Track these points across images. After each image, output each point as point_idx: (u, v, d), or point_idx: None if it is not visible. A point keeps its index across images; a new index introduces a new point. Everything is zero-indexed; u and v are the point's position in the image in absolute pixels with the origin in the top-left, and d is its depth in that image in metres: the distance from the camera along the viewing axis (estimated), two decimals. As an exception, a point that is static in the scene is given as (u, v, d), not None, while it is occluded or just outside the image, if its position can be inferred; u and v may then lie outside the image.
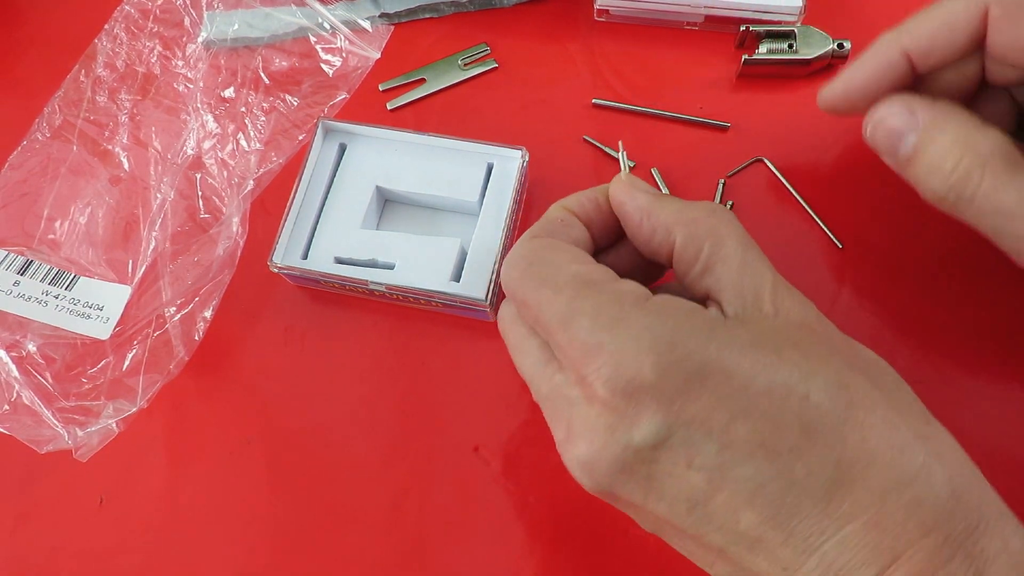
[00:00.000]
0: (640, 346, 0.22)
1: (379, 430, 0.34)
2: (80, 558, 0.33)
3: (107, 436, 0.32)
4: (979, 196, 0.26)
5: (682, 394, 0.22)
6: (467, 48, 0.41)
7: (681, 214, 0.26)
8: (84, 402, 0.33)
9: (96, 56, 0.40)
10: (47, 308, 0.34)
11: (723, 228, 0.26)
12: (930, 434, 0.23)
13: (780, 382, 0.22)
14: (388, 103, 0.40)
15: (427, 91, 0.40)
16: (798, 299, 0.25)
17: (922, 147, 0.28)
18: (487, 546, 0.32)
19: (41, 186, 0.37)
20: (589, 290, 0.24)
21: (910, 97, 0.29)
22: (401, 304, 0.35)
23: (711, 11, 0.39)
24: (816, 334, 0.24)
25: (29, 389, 0.32)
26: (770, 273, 0.25)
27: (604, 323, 0.23)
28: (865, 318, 0.34)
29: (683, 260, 0.26)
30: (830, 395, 0.22)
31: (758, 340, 0.23)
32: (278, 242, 0.34)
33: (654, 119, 0.39)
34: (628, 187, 0.28)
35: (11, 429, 0.32)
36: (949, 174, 0.27)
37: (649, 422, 0.22)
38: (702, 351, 0.22)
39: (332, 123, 0.37)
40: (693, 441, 0.22)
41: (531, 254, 0.26)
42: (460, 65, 0.40)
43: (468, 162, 0.36)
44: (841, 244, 0.35)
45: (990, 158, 0.26)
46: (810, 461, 0.21)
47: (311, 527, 0.33)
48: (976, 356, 0.33)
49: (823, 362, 0.23)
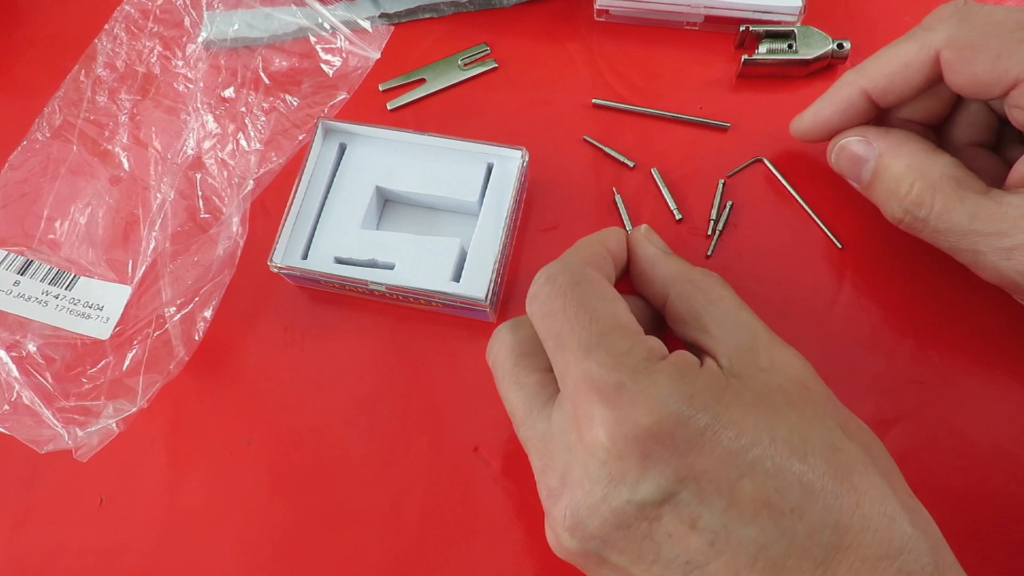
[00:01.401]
0: (661, 396, 0.22)
1: (379, 430, 0.34)
2: (80, 558, 0.33)
3: (107, 436, 0.32)
4: (932, 217, 0.28)
5: (696, 447, 0.22)
6: (467, 48, 0.41)
7: (680, 273, 0.28)
8: (84, 402, 0.33)
9: (96, 56, 0.40)
10: (47, 308, 0.34)
11: (715, 291, 0.27)
12: (914, 507, 0.23)
13: (780, 439, 0.22)
14: (388, 103, 0.40)
15: (427, 91, 0.40)
16: (792, 355, 0.26)
17: (879, 173, 0.30)
18: (487, 546, 0.32)
19: (41, 186, 0.37)
20: (623, 331, 0.24)
21: (866, 128, 0.31)
22: (401, 304, 0.35)
23: (711, 11, 0.39)
24: (810, 393, 0.25)
25: (29, 389, 0.32)
26: (763, 330, 0.26)
27: (628, 366, 0.23)
28: (864, 318, 0.34)
29: (674, 314, 0.28)
30: (826, 457, 0.22)
31: (759, 399, 0.23)
32: (278, 242, 0.34)
33: (654, 119, 0.39)
34: (644, 240, 0.30)
35: (11, 429, 0.32)
36: (904, 198, 0.29)
37: (660, 475, 0.22)
38: (714, 407, 0.22)
39: (332, 123, 0.37)
40: (701, 497, 0.21)
41: (580, 274, 0.26)
42: (460, 65, 0.40)
43: (468, 162, 0.36)
44: (841, 244, 0.35)
45: (940, 182, 0.28)
46: (811, 522, 0.21)
47: (311, 527, 0.33)
48: (975, 355, 0.33)
49: (819, 422, 0.23)
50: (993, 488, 0.31)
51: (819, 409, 0.24)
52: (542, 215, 0.37)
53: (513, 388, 0.27)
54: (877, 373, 0.33)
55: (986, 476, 0.31)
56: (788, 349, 0.26)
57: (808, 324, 0.34)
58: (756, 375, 0.25)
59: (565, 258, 0.28)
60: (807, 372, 0.26)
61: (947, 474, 0.31)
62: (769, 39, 0.38)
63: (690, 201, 0.37)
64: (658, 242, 0.30)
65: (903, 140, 0.30)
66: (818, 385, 0.26)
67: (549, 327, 0.25)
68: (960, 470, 0.31)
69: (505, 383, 0.27)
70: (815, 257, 0.36)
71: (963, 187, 0.28)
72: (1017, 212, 0.27)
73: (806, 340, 0.34)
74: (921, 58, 0.29)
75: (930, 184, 0.28)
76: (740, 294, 0.28)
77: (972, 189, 0.28)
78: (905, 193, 0.29)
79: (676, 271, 0.29)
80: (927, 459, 0.32)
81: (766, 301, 0.34)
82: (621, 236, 0.30)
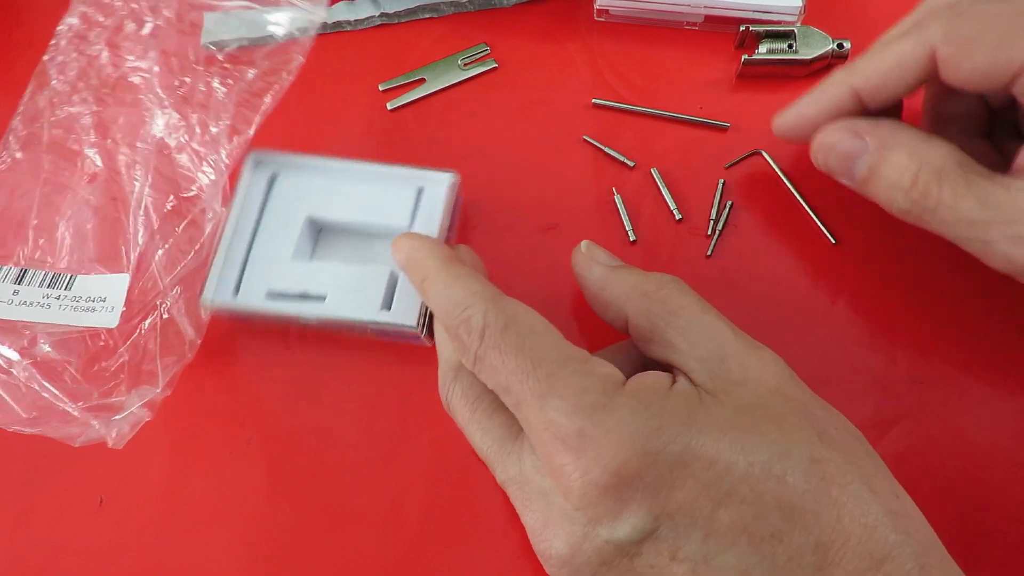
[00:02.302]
0: (625, 435, 0.21)
1: (379, 430, 0.34)
2: (80, 558, 0.33)
3: (138, 422, 0.32)
4: (940, 207, 0.27)
5: (667, 484, 0.21)
6: (467, 48, 0.41)
7: (634, 289, 0.27)
8: (108, 397, 0.33)
9: (47, 72, 0.40)
10: (50, 310, 0.34)
11: (675, 300, 0.26)
12: (899, 509, 0.23)
13: (758, 463, 0.22)
14: (388, 103, 0.40)
15: (427, 91, 0.40)
16: (766, 359, 0.25)
17: (877, 167, 0.29)
18: (487, 546, 0.32)
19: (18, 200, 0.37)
20: (569, 368, 0.23)
21: (852, 121, 0.30)
22: (334, 334, 0.35)
23: (711, 11, 0.39)
24: (787, 400, 0.24)
25: (53, 390, 0.33)
26: (732, 335, 0.25)
27: (586, 408, 0.22)
28: (864, 317, 0.34)
29: (638, 334, 0.27)
30: (805, 473, 0.22)
31: (735, 418, 0.23)
32: (208, 281, 0.33)
33: (654, 119, 0.39)
34: (586, 260, 0.28)
35: (43, 431, 0.32)
36: (909, 189, 0.28)
37: (634, 516, 0.21)
38: (684, 435, 0.22)
39: (262, 154, 0.36)
40: (678, 532, 0.21)
41: (506, 315, 0.25)
42: (460, 65, 0.40)
43: (398, 187, 0.35)
44: (836, 240, 0.35)
45: (945, 169, 0.27)
46: (791, 545, 0.21)
47: (311, 527, 0.33)
48: (975, 355, 0.33)
49: (797, 434, 0.23)
50: (993, 488, 0.31)
51: (798, 420, 0.23)
52: (541, 215, 0.37)
53: (478, 434, 0.26)
54: (877, 373, 0.33)
55: (986, 476, 0.31)
56: (761, 352, 0.25)
57: (808, 323, 0.34)
58: (730, 389, 0.24)
59: (470, 301, 0.25)
60: (783, 376, 0.25)
61: (947, 474, 0.31)
62: (769, 39, 0.38)
63: (690, 201, 0.37)
64: (603, 257, 0.29)
65: (896, 129, 0.29)
66: (796, 390, 0.25)
67: (495, 382, 0.24)
68: (960, 470, 0.31)
69: (469, 430, 0.27)
70: (815, 256, 0.36)
71: (969, 173, 0.27)
72: None
73: (806, 339, 0.34)
74: (916, 55, 0.28)
75: (935, 172, 0.27)
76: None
77: (979, 175, 0.27)
78: (910, 184, 0.27)
79: (630, 287, 0.27)
80: (927, 459, 0.32)
81: (766, 300, 0.34)
82: (463, 251, 0.29)
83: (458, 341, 0.25)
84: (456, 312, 0.26)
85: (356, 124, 0.40)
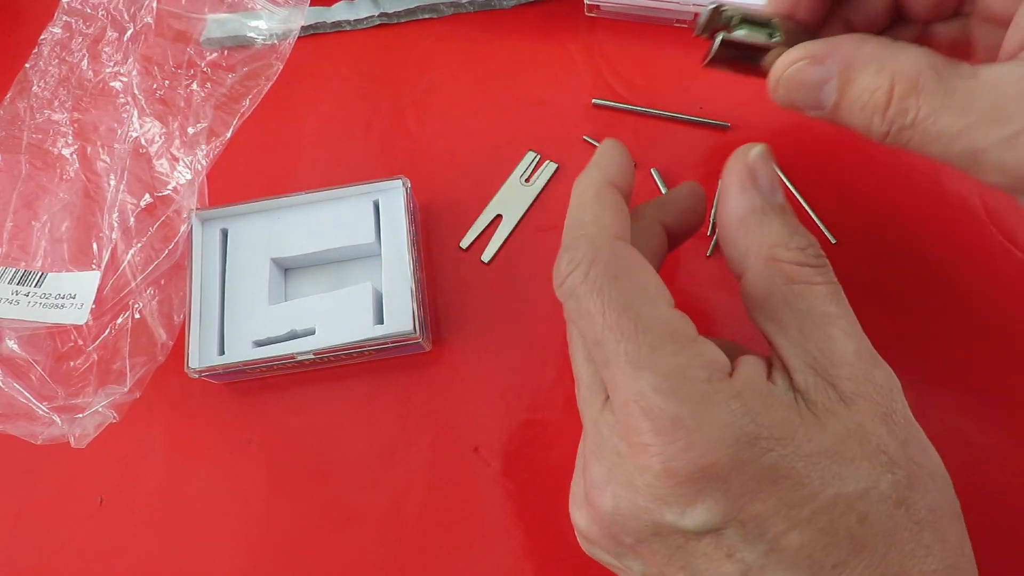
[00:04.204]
0: (722, 435, 0.20)
1: (379, 430, 0.34)
2: (80, 558, 0.33)
3: (103, 423, 0.32)
4: (920, 121, 0.23)
5: (749, 493, 0.20)
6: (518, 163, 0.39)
7: (761, 250, 0.24)
8: (75, 398, 0.33)
9: (28, 79, 0.40)
10: (19, 307, 0.34)
11: (807, 278, 0.23)
12: (963, 565, 0.22)
13: (844, 497, 0.21)
14: (461, 242, 0.37)
15: (509, 229, 0.37)
16: (880, 380, 0.23)
17: (846, 91, 0.25)
18: (487, 546, 0.32)
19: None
20: (675, 343, 0.21)
21: (806, 45, 0.26)
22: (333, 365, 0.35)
23: (700, 9, 0.39)
24: (891, 432, 0.22)
25: (18, 387, 0.32)
26: (852, 338, 0.23)
27: (687, 396, 0.21)
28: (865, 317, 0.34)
29: (748, 294, 0.24)
30: (887, 513, 0.21)
31: (831, 446, 0.21)
32: (188, 346, 0.33)
33: (654, 119, 0.39)
34: (745, 182, 0.24)
35: (6, 429, 0.32)
36: (885, 108, 0.24)
37: (707, 512, 0.21)
38: (779, 451, 0.21)
39: (206, 212, 0.36)
40: (744, 538, 0.21)
41: (615, 262, 0.22)
42: (522, 182, 0.38)
43: (354, 206, 0.36)
44: (835, 239, 0.35)
45: (920, 78, 0.23)
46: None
47: (311, 527, 0.33)
48: (975, 354, 0.33)
49: (889, 475, 0.21)
50: (993, 488, 0.31)
51: (893, 451, 0.22)
52: (541, 215, 0.37)
53: (580, 356, 0.25)
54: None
55: (986, 476, 0.31)
56: (878, 371, 0.23)
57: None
58: (834, 409, 0.22)
59: (588, 230, 0.23)
60: (893, 404, 0.23)
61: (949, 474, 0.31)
62: (747, 25, 0.29)
63: (690, 201, 0.37)
64: (765, 183, 0.24)
65: (860, 43, 0.24)
66: (902, 420, 0.23)
67: (587, 330, 0.23)
68: (960, 470, 0.31)
69: (573, 345, 0.25)
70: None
71: (946, 75, 0.23)
72: (1015, 88, 0.22)
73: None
74: None
75: (910, 83, 0.23)
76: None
77: (957, 75, 0.23)
78: (884, 102, 0.24)
79: (759, 245, 0.23)
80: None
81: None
82: (625, 163, 0.26)
83: (559, 264, 0.23)
84: (573, 230, 0.24)
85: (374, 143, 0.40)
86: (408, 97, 0.41)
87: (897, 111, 0.23)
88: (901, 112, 0.23)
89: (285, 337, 0.34)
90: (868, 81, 0.24)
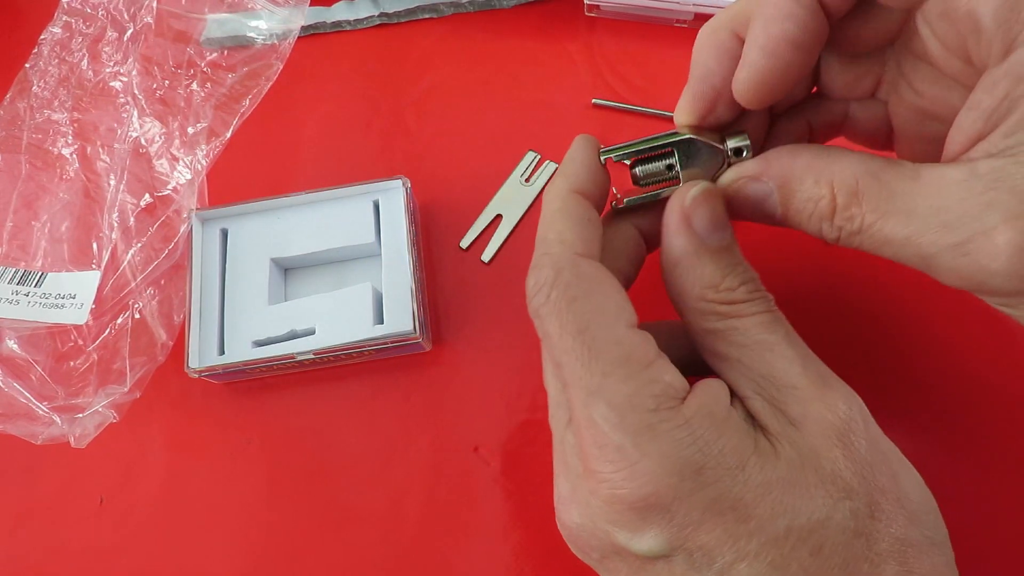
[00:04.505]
0: (665, 466, 0.20)
1: (379, 430, 0.34)
2: (80, 558, 0.33)
3: (103, 422, 0.32)
4: (866, 229, 0.22)
5: (694, 523, 0.20)
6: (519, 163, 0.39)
7: (693, 291, 0.24)
8: (75, 398, 0.33)
9: (28, 79, 0.40)
10: (19, 306, 0.34)
11: (735, 310, 0.23)
12: None
13: (796, 530, 0.20)
14: (461, 242, 0.37)
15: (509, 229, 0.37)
16: (832, 401, 0.22)
17: (788, 202, 0.24)
18: (487, 546, 0.32)
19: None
20: (626, 370, 0.21)
21: (741, 165, 0.25)
22: (333, 365, 0.35)
23: (700, 8, 0.39)
24: (848, 456, 0.21)
25: (18, 387, 0.32)
26: (798, 362, 0.22)
27: (632, 424, 0.21)
28: (865, 317, 0.34)
29: (692, 339, 0.24)
30: (843, 547, 0.20)
31: (784, 475, 0.21)
32: (189, 345, 0.33)
33: (654, 119, 0.39)
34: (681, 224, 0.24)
35: (6, 429, 0.32)
36: (831, 216, 0.23)
37: (653, 539, 0.21)
38: (726, 481, 0.20)
39: (206, 212, 0.36)
40: (693, 565, 0.21)
41: (576, 283, 0.22)
42: (522, 182, 0.38)
43: (354, 206, 0.36)
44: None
45: (859, 185, 0.22)
46: None
47: (311, 527, 0.33)
48: (975, 354, 0.33)
49: (847, 502, 0.21)
50: (993, 488, 0.31)
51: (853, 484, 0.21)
52: (542, 215, 0.37)
53: (549, 372, 0.25)
54: (876, 373, 0.33)
55: (986, 476, 0.31)
56: (829, 391, 0.22)
57: (808, 323, 0.34)
58: (785, 432, 0.22)
59: (551, 248, 0.23)
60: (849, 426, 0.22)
61: (947, 474, 0.31)
62: (641, 164, 0.27)
63: (690, 201, 0.37)
64: (702, 225, 0.24)
65: (792, 155, 0.24)
66: (862, 443, 0.22)
67: (548, 351, 0.23)
68: (960, 469, 0.31)
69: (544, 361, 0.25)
70: (814, 256, 0.35)
71: (886, 178, 0.22)
72: (960, 192, 0.20)
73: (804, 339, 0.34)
74: None
75: (850, 190, 0.22)
76: None
77: (898, 176, 0.22)
78: (828, 211, 0.23)
79: (701, 284, 0.23)
80: (928, 459, 0.31)
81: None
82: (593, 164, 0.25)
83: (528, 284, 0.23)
84: (539, 248, 0.24)
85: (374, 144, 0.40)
86: (408, 97, 0.41)
87: (843, 219, 0.23)
88: (847, 219, 0.23)
89: (285, 337, 0.34)
90: (809, 192, 0.23)
